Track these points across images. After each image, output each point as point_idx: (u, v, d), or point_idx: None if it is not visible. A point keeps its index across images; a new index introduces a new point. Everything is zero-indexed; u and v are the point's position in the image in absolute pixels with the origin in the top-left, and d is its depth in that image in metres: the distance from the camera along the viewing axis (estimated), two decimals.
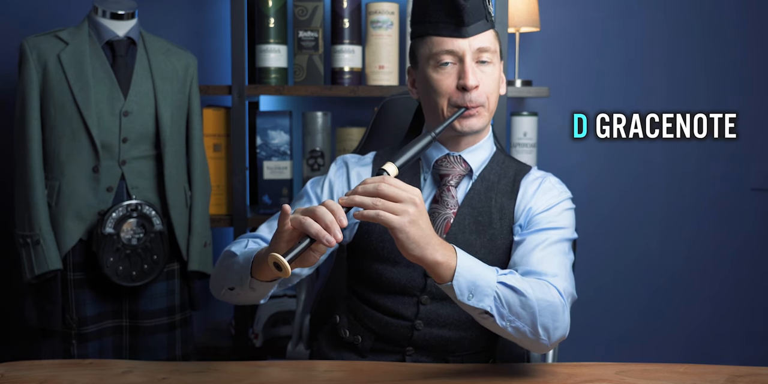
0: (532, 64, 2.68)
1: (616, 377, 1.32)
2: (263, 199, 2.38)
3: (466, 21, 1.37)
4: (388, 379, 1.31)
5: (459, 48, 1.38)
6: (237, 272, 1.31)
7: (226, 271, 1.35)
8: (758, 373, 1.34)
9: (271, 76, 2.37)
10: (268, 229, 1.48)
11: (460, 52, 1.38)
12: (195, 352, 2.18)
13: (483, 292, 1.21)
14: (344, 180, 1.52)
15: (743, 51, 2.71)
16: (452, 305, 1.42)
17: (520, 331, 1.25)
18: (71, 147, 1.96)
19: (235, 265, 1.32)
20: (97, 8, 2.01)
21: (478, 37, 1.39)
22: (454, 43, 1.38)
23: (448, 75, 1.40)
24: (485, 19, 1.40)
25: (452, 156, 1.47)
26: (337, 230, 1.12)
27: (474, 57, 1.39)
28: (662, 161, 2.73)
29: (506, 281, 1.23)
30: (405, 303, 1.43)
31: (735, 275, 2.76)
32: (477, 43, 1.39)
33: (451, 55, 1.39)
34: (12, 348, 2.58)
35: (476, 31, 1.39)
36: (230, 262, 1.35)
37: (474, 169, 1.47)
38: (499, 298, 1.22)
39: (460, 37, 1.38)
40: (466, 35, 1.38)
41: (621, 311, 2.76)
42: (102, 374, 1.32)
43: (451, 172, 1.46)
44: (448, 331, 1.44)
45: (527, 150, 2.45)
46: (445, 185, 1.46)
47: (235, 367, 1.36)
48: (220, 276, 1.38)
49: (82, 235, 1.99)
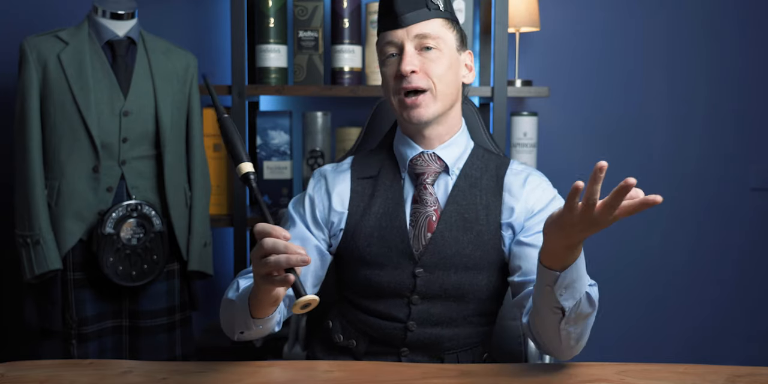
0: (532, 64, 2.68)
1: (616, 377, 1.32)
2: (263, 199, 2.38)
3: (399, 11, 1.39)
4: (388, 379, 1.31)
5: (397, 38, 1.40)
6: (240, 318, 1.32)
7: (232, 319, 1.36)
8: (758, 373, 1.34)
9: (271, 76, 2.37)
10: None
11: (399, 42, 1.40)
12: (195, 352, 2.18)
13: (572, 294, 1.21)
14: (323, 193, 1.50)
15: (743, 50, 2.71)
16: (443, 303, 1.42)
17: (569, 336, 1.26)
18: (71, 147, 1.96)
19: (236, 312, 1.33)
20: (97, 8, 2.01)
21: (417, 25, 1.40)
22: (394, 34, 1.41)
23: (392, 65, 1.42)
24: (426, 7, 1.40)
25: (426, 154, 1.46)
26: (295, 249, 1.11)
27: (416, 45, 1.40)
28: (662, 161, 2.74)
29: (591, 293, 1.24)
30: (396, 305, 1.42)
31: (735, 275, 2.77)
32: (416, 30, 1.39)
33: (392, 47, 1.41)
34: (12, 348, 2.58)
35: (414, 20, 1.40)
36: (231, 310, 1.36)
37: (450, 165, 1.46)
38: (579, 304, 1.23)
39: (397, 28, 1.40)
40: (402, 25, 1.40)
41: (621, 311, 2.76)
42: (102, 374, 1.32)
43: (426, 170, 1.45)
44: (441, 329, 1.43)
45: (527, 150, 2.45)
46: (422, 184, 1.45)
47: (235, 367, 1.36)
48: (228, 324, 1.39)
49: (82, 235, 1.99)
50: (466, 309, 1.43)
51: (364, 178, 1.49)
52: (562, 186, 2.64)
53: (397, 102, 1.42)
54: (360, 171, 1.51)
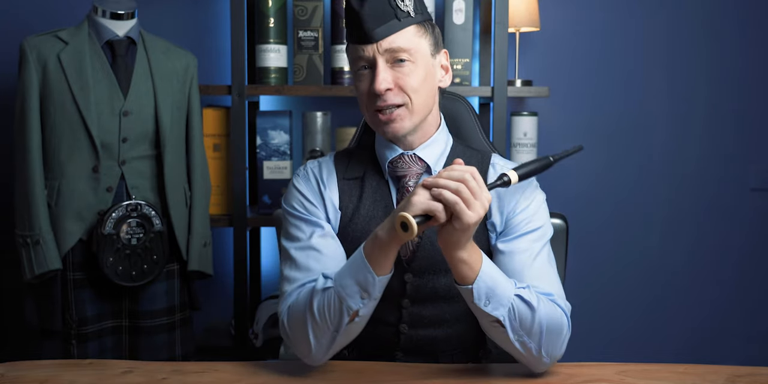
0: (532, 64, 2.68)
1: (616, 377, 1.32)
2: (263, 199, 2.38)
3: (367, 27, 1.32)
4: (387, 379, 1.31)
5: (369, 54, 1.34)
6: (356, 285, 1.24)
7: (332, 302, 1.26)
8: (758, 373, 1.34)
9: (271, 76, 2.37)
10: (292, 265, 1.39)
11: (371, 58, 1.34)
12: (195, 352, 2.18)
13: (499, 301, 1.23)
14: (317, 194, 1.45)
15: (743, 50, 2.71)
16: (434, 305, 1.41)
17: (526, 346, 1.26)
18: (71, 147, 1.96)
19: (346, 289, 1.25)
20: (97, 8, 2.01)
21: (387, 39, 1.33)
22: (364, 50, 1.34)
23: (364, 80, 1.36)
24: (395, 18, 1.33)
25: (406, 155, 1.42)
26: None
27: (388, 59, 1.34)
28: (662, 161, 2.73)
29: (523, 295, 1.24)
30: (387, 308, 1.39)
31: (735, 275, 2.77)
32: (386, 45, 1.33)
33: (363, 61, 1.35)
34: (12, 348, 2.58)
35: (385, 34, 1.33)
36: (329, 291, 1.26)
37: (431, 165, 1.43)
38: (513, 310, 1.23)
39: (367, 43, 1.33)
40: (371, 40, 1.33)
41: (621, 311, 2.76)
42: (102, 374, 1.32)
43: (407, 172, 1.42)
44: (434, 330, 1.43)
45: (527, 150, 2.45)
46: (404, 187, 1.42)
47: (235, 367, 1.36)
48: (324, 317, 1.27)
49: (82, 235, 1.99)
50: (458, 309, 1.42)
51: (351, 179, 1.46)
52: (562, 186, 2.65)
53: (372, 117, 1.38)
54: (344, 171, 1.47)
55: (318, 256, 1.36)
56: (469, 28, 2.39)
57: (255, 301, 2.56)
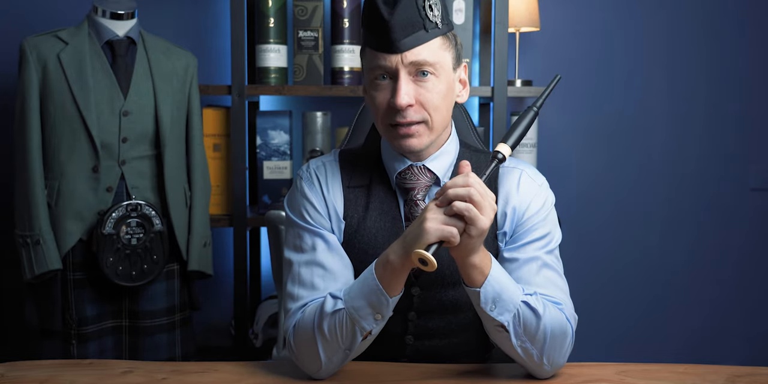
0: (532, 64, 2.68)
1: (616, 377, 1.32)
2: (263, 199, 2.38)
3: (394, 37, 1.25)
4: (388, 379, 1.31)
5: (391, 64, 1.27)
6: (368, 312, 1.23)
7: (344, 324, 1.24)
8: (758, 373, 1.34)
9: (270, 76, 2.37)
10: (296, 282, 1.35)
11: (393, 69, 1.27)
12: (195, 352, 2.18)
13: (505, 307, 1.22)
14: (321, 200, 1.40)
15: (743, 50, 2.71)
16: (440, 317, 1.40)
17: (528, 353, 1.26)
18: (71, 147, 1.96)
19: (359, 312, 1.23)
20: (97, 8, 2.01)
21: (413, 51, 1.26)
22: (387, 59, 1.27)
23: (383, 90, 1.30)
24: (424, 28, 1.26)
25: (416, 167, 1.37)
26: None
27: (411, 71, 1.28)
28: (662, 161, 2.74)
29: (529, 302, 1.24)
30: (393, 321, 1.33)
31: (735, 275, 2.77)
32: (412, 57, 1.26)
33: (384, 70, 1.28)
34: (12, 348, 2.58)
35: (412, 45, 1.26)
36: (341, 313, 1.24)
37: (440, 177, 1.38)
38: (518, 316, 1.23)
39: (391, 53, 1.26)
40: (397, 51, 1.26)
41: (621, 311, 2.76)
42: (102, 374, 1.32)
43: (416, 184, 1.37)
44: (439, 340, 1.42)
45: (527, 150, 2.45)
46: (413, 200, 1.37)
47: (235, 367, 1.36)
48: (335, 338, 1.25)
49: (82, 235, 1.99)
50: (464, 319, 1.41)
51: (356, 187, 1.40)
52: (562, 186, 2.65)
53: (387, 129, 1.32)
54: (349, 178, 1.41)
55: (323, 273, 1.33)
56: (469, 28, 2.39)
57: (255, 301, 2.56)
